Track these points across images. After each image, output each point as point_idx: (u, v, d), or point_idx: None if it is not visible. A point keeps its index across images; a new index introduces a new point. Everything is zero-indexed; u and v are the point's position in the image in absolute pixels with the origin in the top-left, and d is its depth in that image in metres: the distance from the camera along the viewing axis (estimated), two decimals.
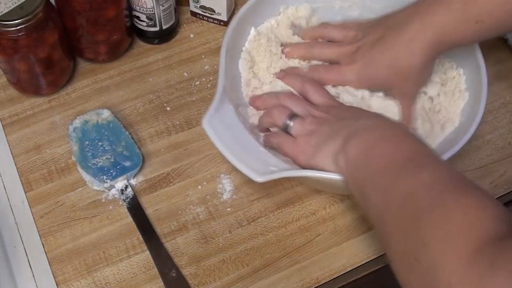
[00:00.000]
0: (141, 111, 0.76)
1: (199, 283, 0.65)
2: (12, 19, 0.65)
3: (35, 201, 0.69)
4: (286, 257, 0.67)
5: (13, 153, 0.72)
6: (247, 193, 0.70)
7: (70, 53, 0.76)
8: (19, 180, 0.70)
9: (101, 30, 0.74)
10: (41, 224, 0.67)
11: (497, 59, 0.82)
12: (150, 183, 0.71)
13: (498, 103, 0.78)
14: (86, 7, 0.70)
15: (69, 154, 0.71)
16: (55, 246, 0.66)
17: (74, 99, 0.77)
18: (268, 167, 0.59)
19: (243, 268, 0.66)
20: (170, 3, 0.76)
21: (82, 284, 0.64)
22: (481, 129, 0.76)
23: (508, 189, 0.72)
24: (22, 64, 0.70)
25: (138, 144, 0.72)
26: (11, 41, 0.66)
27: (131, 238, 0.67)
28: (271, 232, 0.68)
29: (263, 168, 0.58)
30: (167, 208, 0.69)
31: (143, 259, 0.66)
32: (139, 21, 0.78)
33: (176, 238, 0.67)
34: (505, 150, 0.75)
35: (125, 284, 0.64)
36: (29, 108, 0.75)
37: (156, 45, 0.81)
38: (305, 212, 0.69)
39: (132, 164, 0.70)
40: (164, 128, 0.74)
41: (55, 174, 0.71)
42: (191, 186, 0.70)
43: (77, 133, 0.71)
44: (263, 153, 0.61)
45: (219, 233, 0.68)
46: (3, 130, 0.74)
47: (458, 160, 0.73)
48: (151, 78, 0.79)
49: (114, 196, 0.69)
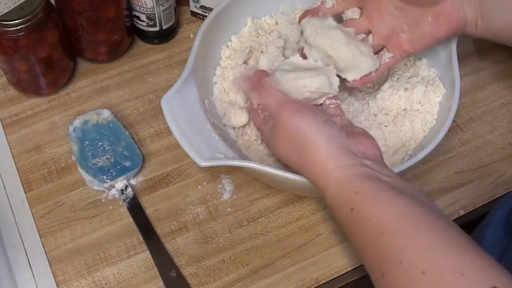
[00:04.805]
0: (141, 111, 0.76)
1: (199, 283, 0.65)
2: (12, 19, 0.65)
3: (35, 201, 0.69)
4: (286, 257, 0.67)
5: (13, 153, 0.72)
6: (247, 193, 0.70)
7: (70, 53, 0.76)
8: (19, 180, 0.70)
9: (101, 30, 0.74)
10: (41, 224, 0.67)
11: (497, 59, 0.82)
12: (150, 183, 0.71)
13: (498, 103, 0.78)
14: (86, 7, 0.70)
15: (69, 154, 0.71)
16: (55, 246, 0.66)
17: (74, 99, 0.77)
18: (215, 154, 0.59)
19: (243, 268, 0.66)
20: (170, 3, 0.76)
21: (82, 284, 0.64)
22: (481, 129, 0.76)
23: (508, 189, 0.72)
24: (22, 64, 0.70)
25: (138, 144, 0.72)
26: (11, 41, 0.67)
27: (131, 238, 0.67)
28: (271, 232, 0.68)
29: (209, 154, 0.58)
30: (167, 208, 0.69)
31: (143, 259, 0.66)
32: (139, 21, 0.78)
33: (176, 238, 0.67)
34: (505, 150, 0.75)
35: (125, 284, 0.64)
36: (29, 108, 0.75)
37: (156, 45, 0.81)
38: (305, 212, 0.69)
39: (132, 164, 0.70)
40: (164, 128, 0.74)
41: (55, 174, 0.71)
42: (191, 186, 0.70)
43: (77, 133, 0.71)
44: (214, 140, 0.61)
45: (219, 233, 0.68)
46: (3, 130, 0.74)
47: (459, 159, 0.74)
48: (151, 78, 0.79)
49: (114, 196, 0.69)
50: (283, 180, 0.60)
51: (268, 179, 0.65)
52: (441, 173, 0.73)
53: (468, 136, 0.76)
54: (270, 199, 0.70)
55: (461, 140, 0.75)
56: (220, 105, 0.68)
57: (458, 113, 0.72)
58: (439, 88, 0.68)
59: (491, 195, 0.71)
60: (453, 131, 0.76)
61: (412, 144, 0.66)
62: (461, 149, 0.75)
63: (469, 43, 0.83)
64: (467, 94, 0.78)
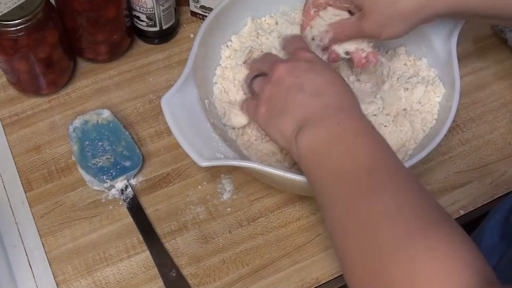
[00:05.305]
0: (141, 111, 0.76)
1: (199, 283, 0.65)
2: (12, 19, 0.65)
3: (35, 201, 0.69)
4: (286, 257, 0.67)
5: (13, 153, 0.72)
6: (247, 193, 0.70)
7: (70, 53, 0.76)
8: (19, 180, 0.70)
9: (101, 30, 0.74)
10: (41, 224, 0.67)
11: (497, 59, 0.82)
12: (150, 183, 0.71)
13: (498, 103, 0.78)
14: (86, 7, 0.70)
15: (69, 154, 0.71)
16: (55, 246, 0.66)
17: (74, 99, 0.77)
18: (215, 154, 0.59)
19: (243, 268, 0.66)
20: (170, 3, 0.76)
21: (82, 284, 0.64)
22: (481, 129, 0.76)
23: (508, 189, 0.72)
24: (22, 64, 0.70)
25: (138, 144, 0.72)
26: (11, 41, 0.67)
27: (131, 238, 0.67)
28: (271, 232, 0.68)
29: (209, 154, 0.58)
30: (167, 208, 0.69)
31: (143, 259, 0.66)
32: (139, 21, 0.78)
33: (176, 238, 0.67)
34: (505, 150, 0.75)
35: (125, 284, 0.64)
36: (29, 108, 0.75)
37: (156, 45, 0.81)
38: (305, 212, 0.69)
39: (132, 164, 0.70)
40: (164, 128, 0.74)
41: (55, 174, 0.71)
42: (191, 186, 0.70)
43: (77, 133, 0.71)
44: (214, 140, 0.61)
45: (219, 233, 0.68)
46: (3, 130, 0.74)
47: (459, 159, 0.74)
48: (151, 78, 0.79)
49: (114, 196, 0.69)
50: (283, 180, 0.60)
51: (268, 179, 0.65)
52: (441, 173, 0.73)
53: (468, 136, 0.76)
54: (270, 199, 0.70)
55: (461, 140, 0.75)
56: (220, 105, 0.68)
57: (458, 113, 0.72)
58: (439, 88, 0.68)
59: (491, 195, 0.71)
60: (453, 131, 0.76)
61: (412, 144, 0.66)
62: (461, 149, 0.75)
63: (469, 43, 0.83)
64: (467, 94, 0.78)
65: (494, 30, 0.84)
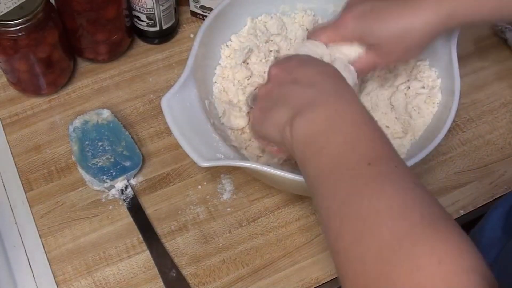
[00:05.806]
0: (141, 111, 0.76)
1: (199, 283, 0.65)
2: (12, 19, 0.65)
3: (35, 201, 0.69)
4: (286, 257, 0.67)
5: (13, 153, 0.72)
6: (247, 193, 0.70)
7: (70, 53, 0.76)
8: (19, 180, 0.70)
9: (101, 30, 0.74)
10: (41, 224, 0.67)
11: (497, 59, 0.82)
12: (150, 183, 0.71)
13: (498, 103, 0.78)
14: (86, 7, 0.70)
15: (69, 154, 0.72)
16: (55, 246, 0.66)
17: (74, 99, 0.77)
18: (215, 154, 0.59)
19: (243, 268, 0.66)
20: (170, 3, 0.76)
21: (82, 284, 0.64)
22: (481, 129, 0.76)
23: (508, 189, 0.72)
24: (22, 64, 0.70)
25: (138, 144, 0.72)
26: (11, 41, 0.67)
27: (131, 238, 0.67)
28: (271, 232, 0.68)
29: (210, 154, 0.58)
30: (167, 208, 0.69)
31: (143, 259, 0.66)
32: (139, 21, 0.78)
33: (176, 238, 0.67)
34: (505, 150, 0.75)
35: (125, 284, 0.64)
36: (29, 108, 0.75)
37: (156, 45, 0.81)
38: (305, 212, 0.69)
39: (132, 164, 0.70)
40: (164, 128, 0.74)
41: (55, 174, 0.71)
42: (191, 186, 0.70)
43: (77, 133, 0.71)
44: (214, 140, 0.61)
45: (219, 233, 0.68)
46: (3, 130, 0.74)
47: (459, 159, 0.74)
48: (151, 78, 0.79)
49: (114, 196, 0.69)
50: (283, 180, 0.60)
51: (268, 179, 0.65)
52: (441, 173, 0.73)
53: (468, 136, 0.76)
54: (270, 199, 0.70)
55: (461, 140, 0.75)
56: (219, 105, 0.68)
57: (458, 113, 0.72)
58: (439, 88, 0.68)
59: (491, 195, 0.71)
60: (453, 131, 0.76)
61: (412, 144, 0.66)
62: (461, 149, 0.75)
63: (469, 43, 0.83)
64: (467, 94, 0.78)
65: (494, 30, 0.84)
